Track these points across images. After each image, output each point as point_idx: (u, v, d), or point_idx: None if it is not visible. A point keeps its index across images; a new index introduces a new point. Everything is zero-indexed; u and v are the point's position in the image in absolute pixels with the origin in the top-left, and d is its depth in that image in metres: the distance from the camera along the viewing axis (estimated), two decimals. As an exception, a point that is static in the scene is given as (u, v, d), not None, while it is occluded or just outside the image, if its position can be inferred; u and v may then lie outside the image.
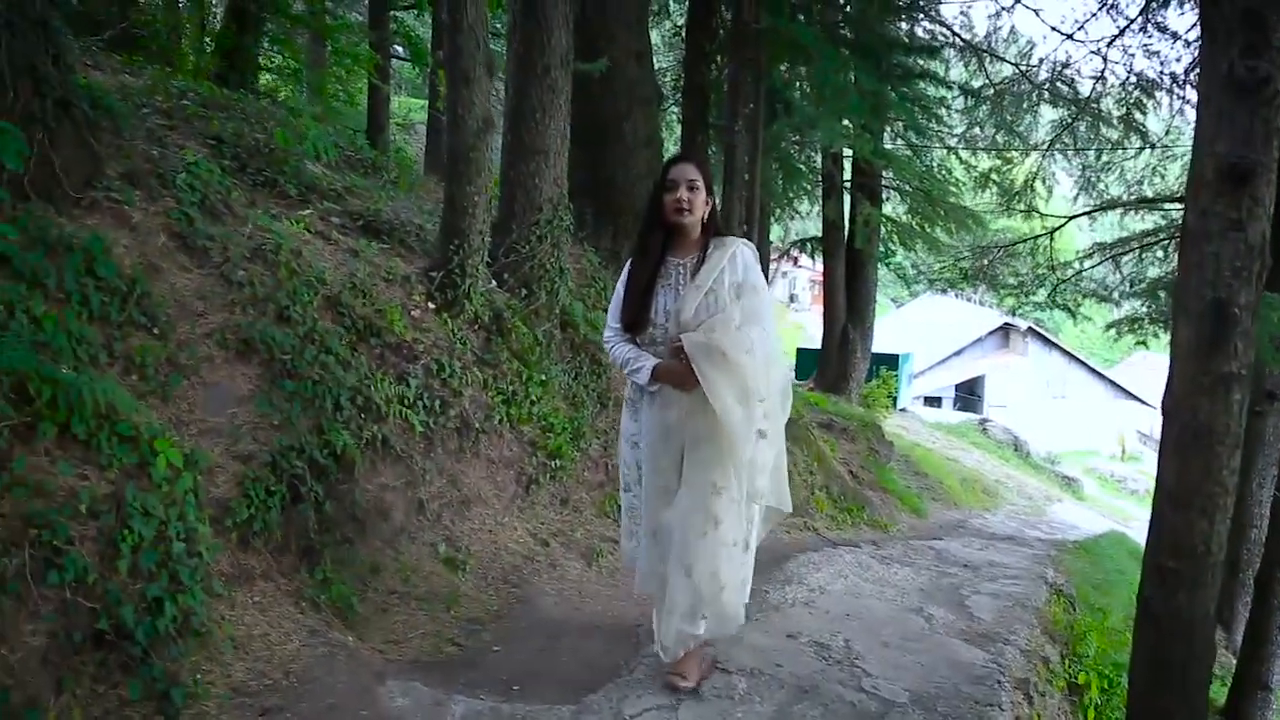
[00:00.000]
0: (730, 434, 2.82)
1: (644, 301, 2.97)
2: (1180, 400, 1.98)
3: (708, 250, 2.97)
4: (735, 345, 2.81)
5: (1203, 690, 2.14)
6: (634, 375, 3.00)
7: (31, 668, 2.16)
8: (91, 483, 2.60)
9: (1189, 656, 2.06)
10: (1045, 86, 15.56)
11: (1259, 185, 1.85)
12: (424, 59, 16.16)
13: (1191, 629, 2.04)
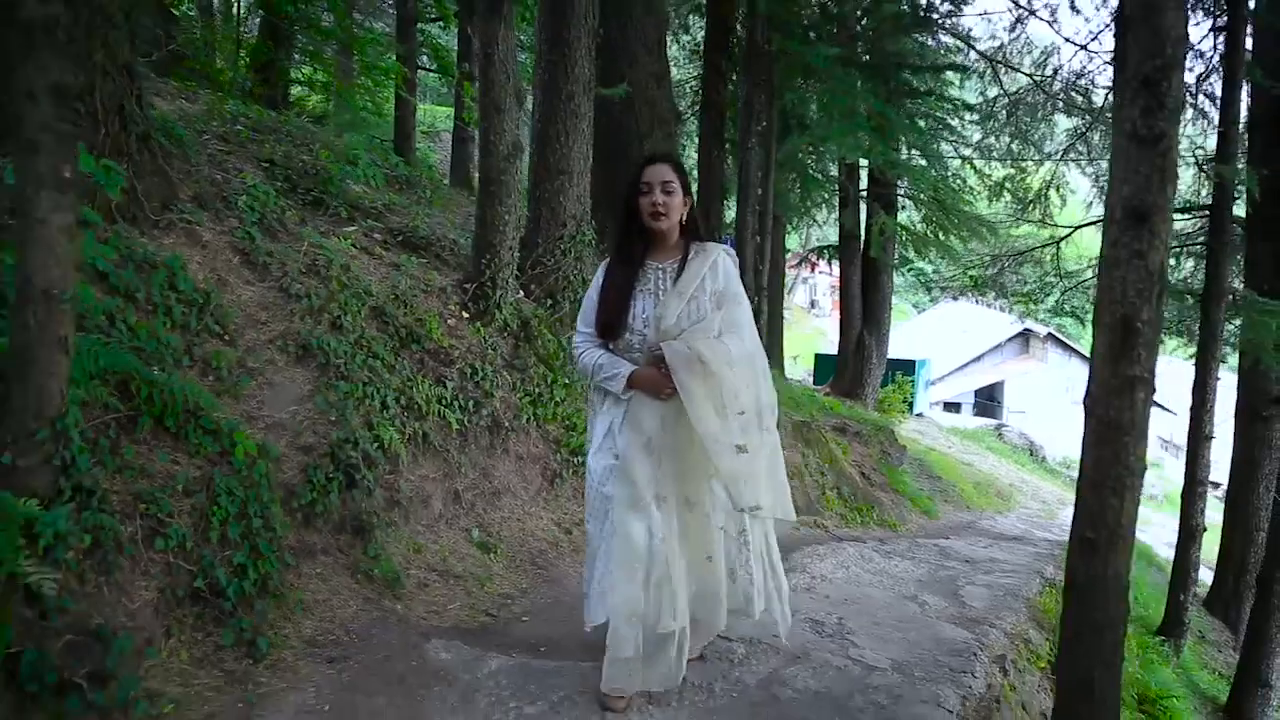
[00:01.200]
0: (705, 446, 2.75)
1: (622, 306, 2.88)
2: (1097, 399, 2.38)
3: (688, 255, 2.92)
4: (716, 356, 2.75)
5: (1117, 652, 2.53)
6: (607, 382, 2.90)
7: (146, 616, 2.62)
8: (183, 467, 3.06)
9: (1105, 620, 2.46)
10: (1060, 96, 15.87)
11: (1156, 222, 2.25)
12: (451, 71, 16.66)
13: (1106, 593, 2.44)
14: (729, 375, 2.75)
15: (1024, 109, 16.29)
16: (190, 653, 2.66)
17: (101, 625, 2.45)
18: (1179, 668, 9.57)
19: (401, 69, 15.23)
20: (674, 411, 2.80)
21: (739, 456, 2.77)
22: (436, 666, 2.96)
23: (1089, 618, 2.46)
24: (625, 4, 7.29)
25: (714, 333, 2.83)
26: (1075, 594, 2.50)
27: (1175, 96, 2.25)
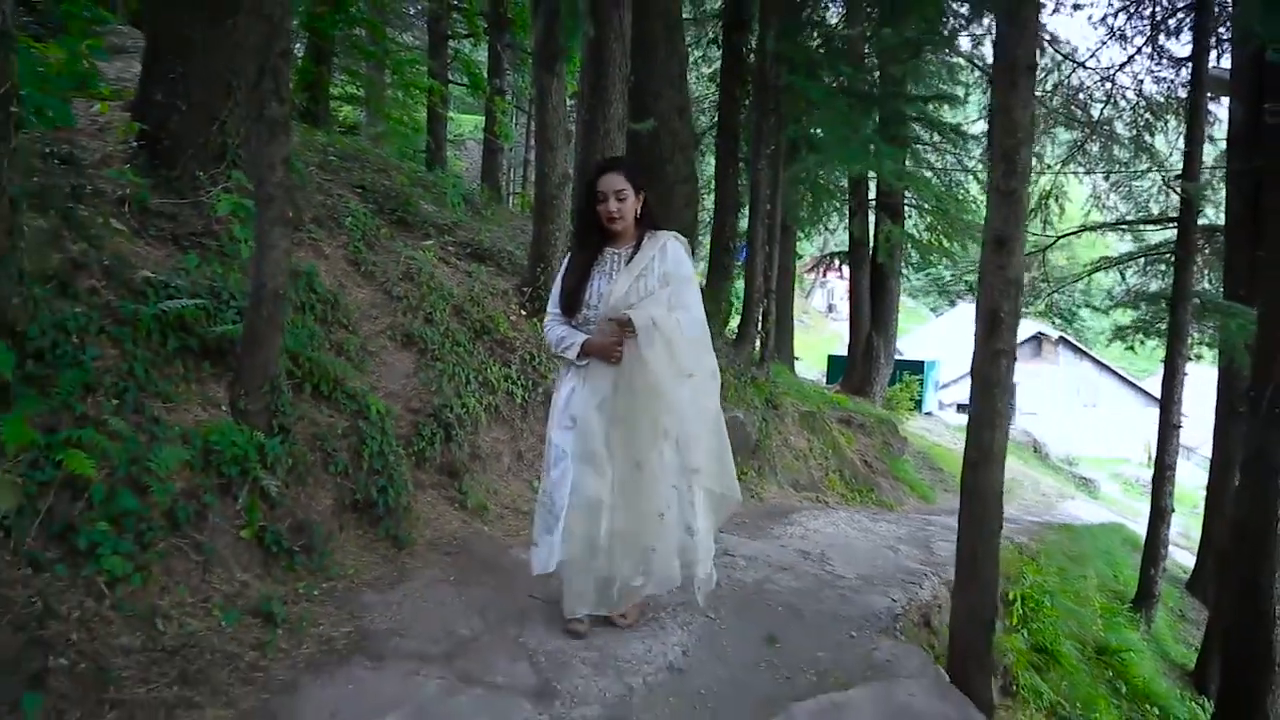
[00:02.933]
0: (662, 399, 3.15)
1: (580, 286, 3.27)
2: (978, 367, 3.52)
3: (642, 241, 3.31)
4: (670, 324, 3.16)
5: (994, 538, 3.64)
6: (565, 351, 3.29)
7: (327, 516, 3.81)
8: (336, 420, 4.25)
9: (984, 515, 3.59)
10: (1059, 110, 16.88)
11: (1013, 246, 3.38)
12: (481, 86, 17.83)
13: (985, 497, 3.57)
14: (681, 341, 3.17)
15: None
16: (356, 542, 3.86)
17: (304, 518, 3.65)
18: (1150, 636, 10.59)
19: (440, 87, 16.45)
20: (626, 376, 3.16)
21: (688, 416, 3.25)
22: (519, 562, 4.13)
23: (973, 513, 3.60)
24: (652, 48, 8.46)
25: (663, 305, 3.22)
26: (965, 497, 3.64)
27: (1024, 163, 3.40)
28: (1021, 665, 5.78)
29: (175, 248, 4.28)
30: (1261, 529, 6.61)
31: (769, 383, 9.89)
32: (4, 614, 2.50)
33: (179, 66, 4.78)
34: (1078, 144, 17.01)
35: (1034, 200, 17.01)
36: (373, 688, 2.81)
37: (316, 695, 2.72)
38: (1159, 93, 15.13)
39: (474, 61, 18.64)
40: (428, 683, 2.87)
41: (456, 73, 17.83)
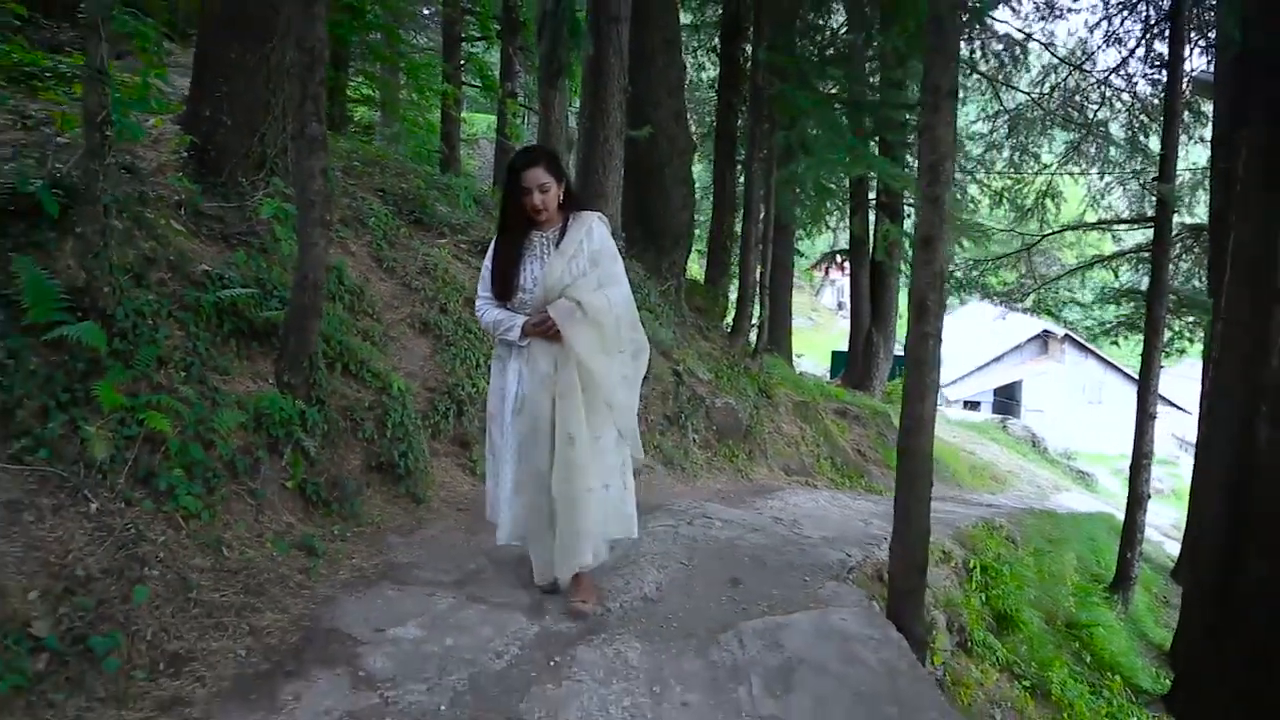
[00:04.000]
0: (596, 381, 3.33)
1: (513, 272, 3.39)
2: (909, 348, 4.13)
3: (567, 223, 3.45)
4: (598, 305, 3.33)
5: (926, 492, 4.25)
6: (506, 334, 3.42)
7: (356, 474, 4.46)
8: (363, 395, 4.90)
9: (916, 471, 4.19)
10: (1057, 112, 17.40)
11: (937, 244, 4.00)
12: (493, 88, 18.41)
13: (917, 456, 4.18)
14: (610, 320, 3.36)
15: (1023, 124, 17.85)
16: (381, 496, 4.51)
17: (338, 474, 4.30)
18: (1126, 617, 11.14)
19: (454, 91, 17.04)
20: (565, 354, 3.32)
21: (624, 387, 3.48)
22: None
23: (908, 471, 4.21)
24: (651, 59, 9.08)
25: (593, 286, 3.39)
26: (901, 458, 4.24)
27: (947, 174, 4.01)
28: (976, 625, 6.38)
29: (225, 245, 4.94)
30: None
31: (762, 373, 10.50)
32: (109, 537, 3.16)
33: (224, 86, 5.44)
34: (1074, 145, 17.56)
35: (1030, 200, 17.60)
36: (397, 603, 3.46)
37: (352, 607, 3.38)
38: (1153, 95, 15.61)
39: (486, 63, 19.23)
40: (441, 600, 3.52)
41: (470, 75, 18.36)
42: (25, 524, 3.06)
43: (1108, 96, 16.65)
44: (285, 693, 2.74)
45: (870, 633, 3.62)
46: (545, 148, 4.97)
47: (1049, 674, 6.75)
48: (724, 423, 8.72)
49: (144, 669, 2.74)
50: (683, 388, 8.24)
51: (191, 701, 2.64)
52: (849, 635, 3.57)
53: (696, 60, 16.08)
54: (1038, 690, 6.55)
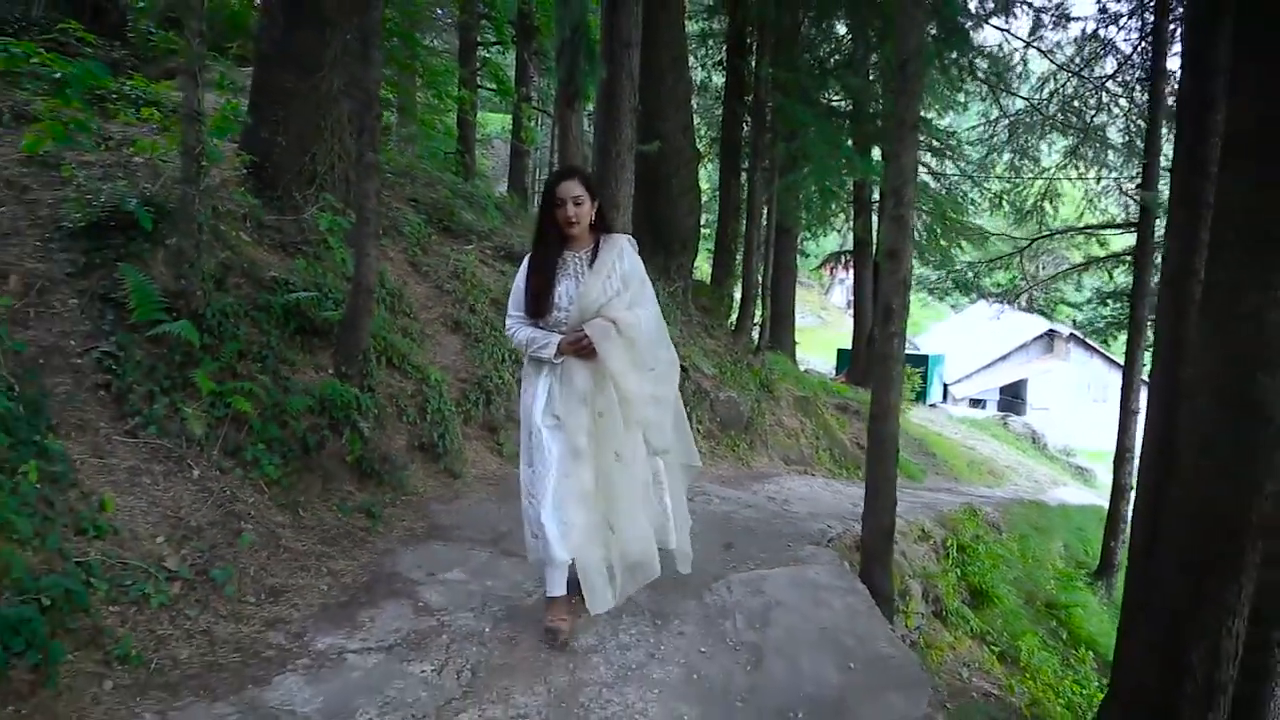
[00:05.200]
0: (629, 398, 3.32)
1: (548, 290, 3.35)
2: (878, 344, 4.81)
3: (599, 244, 3.44)
4: (631, 324, 3.32)
5: (893, 469, 4.93)
6: (541, 351, 3.35)
7: (402, 452, 5.18)
8: (404, 385, 5.61)
9: (884, 452, 4.87)
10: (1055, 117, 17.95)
11: (900, 255, 4.67)
12: (509, 92, 19.03)
13: (884, 439, 4.85)
14: (641, 338, 3.36)
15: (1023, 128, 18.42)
16: (424, 471, 5.23)
17: (387, 452, 5.02)
18: (1110, 602, 11.76)
19: (471, 97, 17.69)
20: (601, 372, 3.32)
21: (654, 405, 3.43)
22: (544, 492, 5.48)
23: (876, 451, 4.90)
24: (660, 77, 9.76)
25: (625, 306, 3.38)
26: (871, 440, 4.93)
27: (909, 196, 4.69)
28: (951, 596, 7.05)
29: (284, 253, 5.66)
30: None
31: (764, 369, 11.18)
32: (210, 497, 3.88)
33: (280, 111, 6.16)
34: (1072, 149, 18.11)
35: (1030, 202, 18.18)
36: (443, 554, 4.18)
37: (407, 556, 4.10)
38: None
39: (500, 65, 19.81)
40: (480, 554, 4.23)
41: (485, 78, 18.95)
42: (144, 485, 3.79)
43: (1105, 102, 17.17)
44: (362, 616, 3.45)
45: (839, 584, 4.31)
46: (581, 167, 5.14)
47: (1019, 643, 7.42)
48: (727, 415, 9.41)
49: (251, 596, 3.46)
50: (688, 382, 8.93)
51: (290, 621, 3.36)
52: (820, 585, 4.26)
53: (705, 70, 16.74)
54: (1007, 656, 7.22)
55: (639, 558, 3.49)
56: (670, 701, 3.04)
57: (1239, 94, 4.08)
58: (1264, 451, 4.18)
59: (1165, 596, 4.54)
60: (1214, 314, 4.23)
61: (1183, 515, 4.48)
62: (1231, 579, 4.34)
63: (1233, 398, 4.18)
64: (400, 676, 3.01)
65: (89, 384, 4.10)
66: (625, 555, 3.45)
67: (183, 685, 2.81)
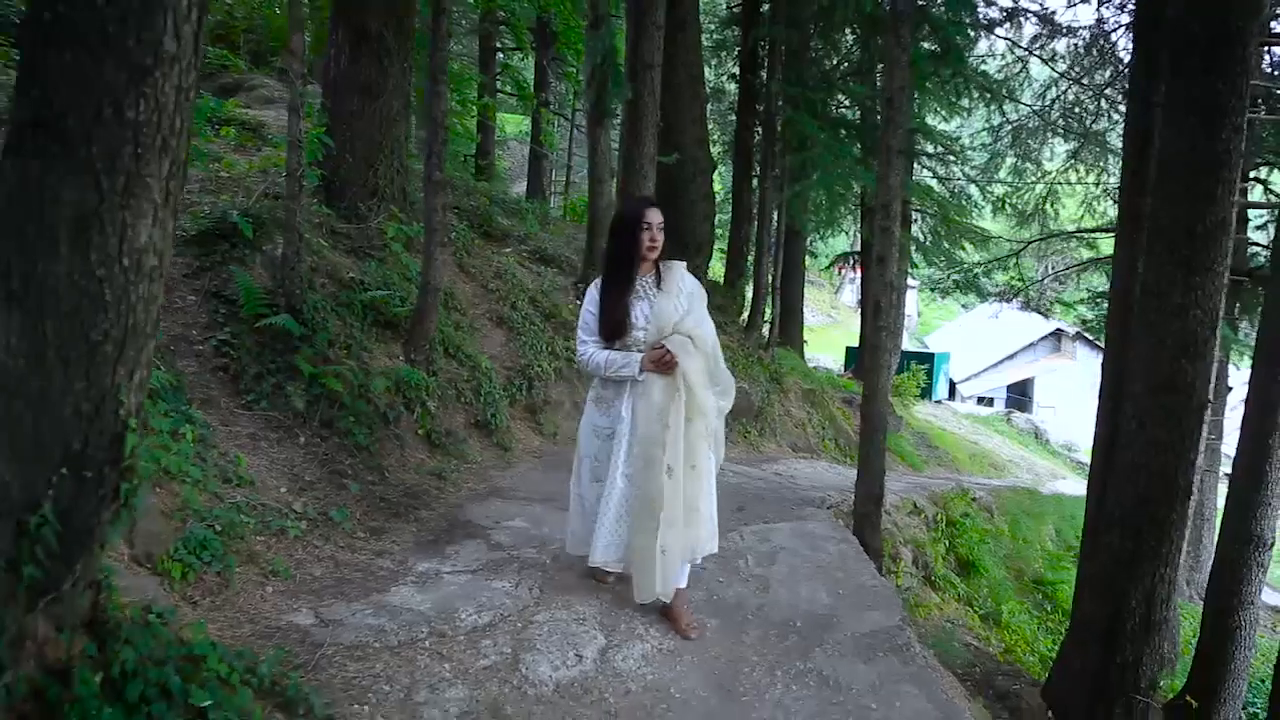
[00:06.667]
0: (703, 410, 3.53)
1: (625, 313, 3.53)
2: (866, 337, 5.65)
3: (659, 268, 3.63)
4: (702, 336, 3.57)
5: (882, 446, 5.77)
6: (623, 370, 3.52)
7: (462, 428, 6.05)
8: (461, 371, 6.47)
9: (875, 428, 5.71)
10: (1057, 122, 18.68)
11: (889, 261, 5.51)
12: (529, 98, 19.81)
13: (874, 419, 5.69)
14: (711, 352, 3.63)
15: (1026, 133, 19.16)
16: (479, 444, 6.10)
17: (450, 427, 5.89)
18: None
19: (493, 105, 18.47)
20: (677, 386, 3.48)
21: (719, 416, 3.71)
22: (581, 464, 6.34)
23: (867, 429, 5.74)
24: (678, 94, 10.60)
25: (695, 324, 3.60)
26: (862, 420, 5.77)
27: (895, 211, 5.53)
28: (939, 564, 7.89)
29: (356, 257, 6.54)
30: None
31: (773, 363, 12.03)
32: (315, 458, 4.76)
33: (347, 130, 7.04)
34: (1073, 153, 18.84)
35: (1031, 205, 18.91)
36: (505, 509, 5.05)
37: (476, 509, 4.97)
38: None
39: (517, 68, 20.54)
40: (535, 507, 5.10)
41: (504, 84, 19.68)
42: (263, 448, 4.68)
43: (1104, 109, 17.89)
44: (447, 550, 4.32)
45: (833, 534, 5.16)
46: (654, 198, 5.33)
47: (1002, 607, 8.25)
48: (738, 404, 10.22)
49: (361, 533, 4.34)
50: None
51: (393, 552, 4.23)
52: (817, 535, 5.11)
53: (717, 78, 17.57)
54: (990, 619, 8.05)
55: (669, 569, 3.60)
56: (695, 614, 3.88)
57: (1168, 129, 4.92)
58: (1189, 426, 5.03)
59: (1111, 549, 5.38)
60: (1148, 312, 5.08)
61: (1124, 481, 5.32)
62: (1164, 534, 5.19)
63: (1163, 381, 5.02)
64: (486, 590, 3.87)
65: (211, 366, 4.99)
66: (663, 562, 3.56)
67: (323, 592, 3.68)
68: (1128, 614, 5.23)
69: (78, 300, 1.99)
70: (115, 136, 1.94)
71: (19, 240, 1.95)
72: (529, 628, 3.56)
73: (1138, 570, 5.20)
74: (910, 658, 3.69)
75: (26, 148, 1.94)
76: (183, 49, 2.00)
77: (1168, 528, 5.15)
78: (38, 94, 1.93)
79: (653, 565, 3.53)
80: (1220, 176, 4.59)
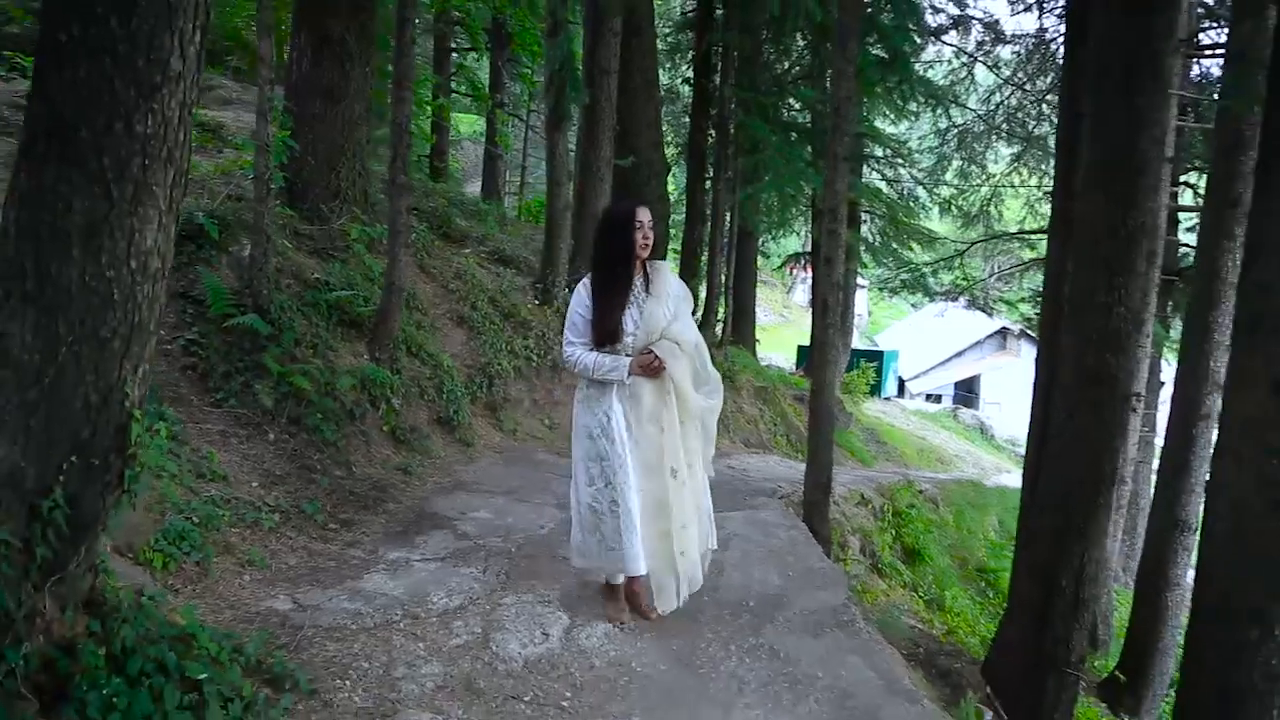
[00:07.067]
0: (694, 412, 3.60)
1: (619, 317, 3.51)
2: (814, 334, 5.93)
3: (646, 270, 3.61)
4: (689, 340, 3.60)
5: (830, 434, 6.05)
6: (612, 374, 3.51)
7: (425, 425, 6.21)
8: (424, 369, 6.63)
9: (822, 420, 6.00)
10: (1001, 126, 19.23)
11: (835, 263, 5.79)
12: (484, 99, 19.83)
13: (821, 410, 5.97)
14: (696, 356, 3.65)
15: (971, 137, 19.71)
16: (442, 440, 6.27)
17: (414, 424, 6.05)
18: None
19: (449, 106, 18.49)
20: (667, 390, 3.52)
21: (712, 417, 3.77)
22: (543, 459, 6.54)
23: (816, 421, 6.02)
24: (634, 98, 10.81)
25: (682, 327, 3.62)
26: (810, 413, 6.05)
27: (842, 214, 5.81)
28: (886, 551, 8.21)
29: (320, 259, 6.66)
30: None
31: (726, 361, 12.31)
32: (285, 453, 4.90)
33: (310, 133, 7.15)
34: (1016, 156, 19.41)
35: (976, 207, 19.45)
36: (470, 501, 5.23)
37: (441, 501, 5.15)
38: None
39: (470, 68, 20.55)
40: (498, 499, 5.30)
41: (459, 85, 19.69)
42: (234, 444, 4.82)
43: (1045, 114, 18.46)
44: (416, 540, 4.51)
45: (784, 522, 5.43)
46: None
47: (946, 593, 8.60)
48: (693, 401, 10.51)
49: (333, 524, 4.50)
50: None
51: (363, 542, 4.41)
52: (769, 523, 5.37)
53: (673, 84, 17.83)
54: (934, 604, 8.39)
55: (689, 570, 3.71)
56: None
57: (1093, 138, 5.25)
58: (1113, 415, 5.37)
59: (1043, 532, 5.71)
60: (1076, 310, 5.41)
61: (1055, 469, 5.65)
62: (1092, 517, 5.52)
63: (1090, 375, 5.35)
64: (455, 576, 4.06)
65: (179, 365, 5.11)
66: (683, 564, 3.69)
67: (299, 579, 3.85)
68: (1058, 593, 5.56)
69: (88, 299, 2.16)
70: (125, 148, 2.11)
71: (34, 243, 2.11)
72: (497, 609, 3.76)
73: (1067, 552, 5.53)
74: (855, 632, 3.95)
75: (41, 157, 2.11)
76: (187, 68, 2.18)
77: (1095, 511, 5.48)
78: (52, 108, 2.10)
79: (673, 571, 3.64)
80: (1139, 184, 4.93)
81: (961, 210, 19.53)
